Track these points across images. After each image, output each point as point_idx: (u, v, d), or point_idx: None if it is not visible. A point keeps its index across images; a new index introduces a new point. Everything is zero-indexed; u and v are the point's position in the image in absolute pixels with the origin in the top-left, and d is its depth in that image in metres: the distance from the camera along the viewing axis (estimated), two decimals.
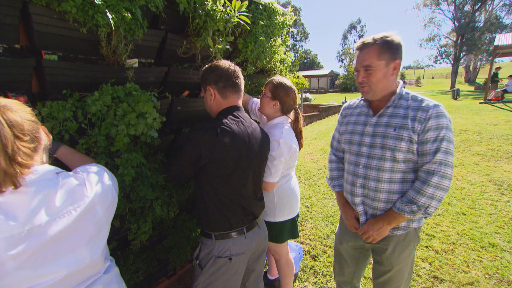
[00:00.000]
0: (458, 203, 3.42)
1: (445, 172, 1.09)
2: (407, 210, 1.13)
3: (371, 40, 1.15)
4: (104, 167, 0.89)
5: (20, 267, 0.65)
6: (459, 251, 2.50)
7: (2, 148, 0.63)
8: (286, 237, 1.73)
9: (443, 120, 1.09)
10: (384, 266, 1.30)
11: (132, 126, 1.18)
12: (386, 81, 1.17)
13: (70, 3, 0.93)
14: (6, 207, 0.64)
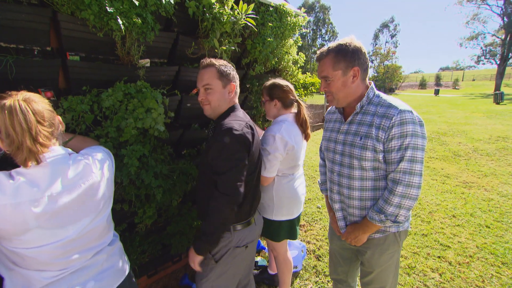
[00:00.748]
0: (482, 215, 3.19)
1: (410, 181, 1.06)
2: (377, 219, 1.13)
3: (326, 50, 1.14)
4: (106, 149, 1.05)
5: (39, 226, 0.81)
6: (476, 265, 2.34)
7: (27, 130, 0.79)
8: (282, 237, 1.76)
9: (407, 127, 1.04)
10: (366, 268, 1.32)
11: (140, 120, 1.32)
12: (347, 89, 1.14)
13: (88, 12, 1.08)
14: (31, 178, 0.81)
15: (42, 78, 1.20)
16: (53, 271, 0.87)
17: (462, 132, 7.46)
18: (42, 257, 0.83)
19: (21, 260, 0.82)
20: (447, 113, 11.22)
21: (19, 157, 0.80)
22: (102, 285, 0.99)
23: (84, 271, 0.95)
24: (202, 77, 1.23)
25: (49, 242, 0.83)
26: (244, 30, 1.87)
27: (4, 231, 0.78)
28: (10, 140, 0.78)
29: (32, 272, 0.84)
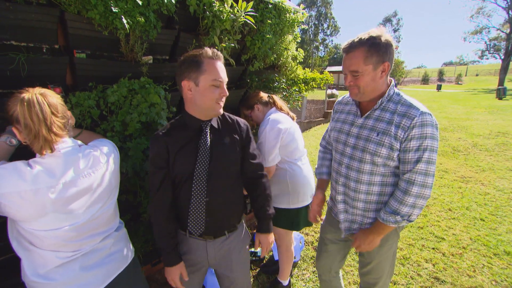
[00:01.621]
0: (478, 208, 3.25)
1: (426, 182, 1.09)
2: (392, 221, 1.15)
3: (357, 41, 1.08)
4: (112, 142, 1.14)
5: (55, 210, 0.90)
6: (468, 255, 2.42)
7: (43, 121, 0.88)
8: (302, 225, 1.84)
9: (427, 129, 1.07)
10: (365, 259, 1.36)
11: (143, 115, 1.38)
12: (375, 84, 1.13)
13: (94, 11, 1.14)
14: (47, 166, 0.90)
15: (51, 75, 1.27)
16: (67, 252, 0.96)
17: (462, 127, 7.47)
18: (58, 238, 0.92)
19: (39, 241, 0.90)
20: (448, 109, 11.20)
21: (36, 146, 0.88)
22: (110, 267, 1.08)
23: (94, 253, 1.03)
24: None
25: (64, 225, 0.92)
26: (244, 27, 1.91)
27: (25, 215, 0.86)
28: (28, 130, 0.86)
29: (48, 252, 0.92)
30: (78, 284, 0.98)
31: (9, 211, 0.85)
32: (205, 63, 1.07)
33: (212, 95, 1.09)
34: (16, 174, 0.84)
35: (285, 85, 2.40)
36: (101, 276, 1.05)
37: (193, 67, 1.06)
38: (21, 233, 0.90)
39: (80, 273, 0.98)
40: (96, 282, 1.03)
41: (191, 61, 1.07)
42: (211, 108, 1.12)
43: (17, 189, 0.83)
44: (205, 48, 1.09)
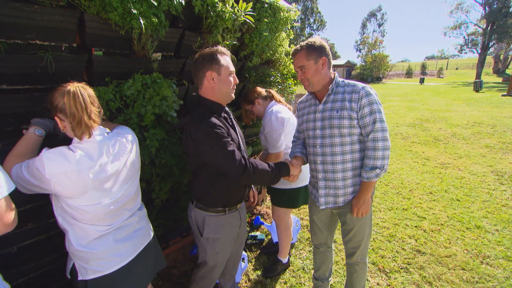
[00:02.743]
0: (455, 191, 3.58)
1: (385, 136, 1.36)
2: (373, 175, 1.38)
3: (299, 47, 1.45)
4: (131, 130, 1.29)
5: (95, 188, 1.04)
6: (445, 231, 2.71)
7: (85, 109, 1.03)
8: (301, 203, 2.05)
9: (372, 97, 1.36)
10: (348, 225, 1.57)
11: (156, 107, 1.51)
12: (319, 75, 1.44)
13: (115, 13, 1.25)
14: (86, 151, 1.04)
15: (71, 72, 1.37)
16: (103, 226, 1.11)
17: (443, 118, 7.94)
18: (97, 212, 1.07)
19: (81, 216, 1.05)
20: (430, 101, 11.76)
21: (78, 131, 1.03)
22: (137, 241, 1.24)
23: (123, 229, 1.19)
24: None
25: (101, 201, 1.07)
26: (243, 25, 2.05)
27: (71, 192, 1.00)
28: (73, 117, 1.00)
29: (89, 225, 1.07)
30: (113, 253, 1.13)
31: (58, 189, 0.98)
32: (221, 58, 1.33)
33: (230, 83, 1.37)
34: (62, 157, 0.98)
35: (280, 79, 2.56)
36: (131, 248, 1.21)
37: (214, 61, 1.32)
38: (65, 209, 1.04)
39: (114, 244, 1.14)
40: (127, 252, 1.19)
41: (211, 57, 1.32)
42: (229, 93, 1.40)
43: (64, 170, 0.97)
44: (218, 47, 1.36)
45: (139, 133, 1.49)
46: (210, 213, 1.43)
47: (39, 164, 0.96)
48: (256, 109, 2.04)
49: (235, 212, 1.51)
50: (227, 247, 1.51)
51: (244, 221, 1.64)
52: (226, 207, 1.45)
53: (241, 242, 1.71)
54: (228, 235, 1.49)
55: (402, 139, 6.16)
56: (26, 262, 1.35)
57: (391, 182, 3.94)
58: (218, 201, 1.42)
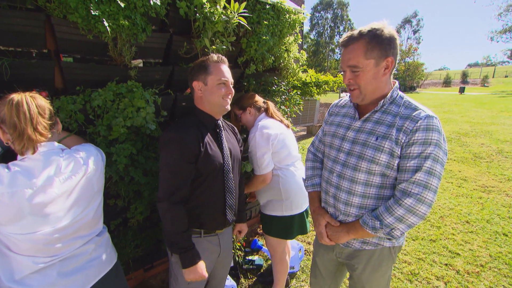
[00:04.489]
0: (500, 222, 2.98)
1: (423, 196, 0.93)
2: (370, 225, 1.03)
3: (358, 34, 0.98)
4: (97, 147, 1.13)
5: (33, 213, 0.89)
6: (487, 275, 2.20)
7: (30, 120, 0.89)
8: (295, 233, 1.76)
9: (433, 135, 0.93)
10: (356, 284, 1.23)
11: (129, 119, 1.36)
12: (377, 83, 1.01)
13: (76, 15, 1.13)
14: (26, 168, 0.89)
15: (37, 79, 1.27)
16: (44, 257, 0.94)
17: (486, 132, 6.99)
18: (35, 242, 0.90)
19: (15, 246, 0.89)
20: (471, 112, 10.56)
21: (18, 145, 0.89)
22: (89, 273, 1.06)
23: (73, 259, 1.02)
24: None
25: (41, 229, 0.91)
26: (239, 28, 1.87)
27: (2, 218, 0.85)
28: (13, 128, 0.88)
29: (25, 257, 0.91)
30: None
31: None
32: (211, 66, 1.24)
33: (219, 92, 1.24)
34: None
35: (285, 88, 2.32)
36: (81, 281, 1.03)
37: (202, 70, 1.24)
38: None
39: (58, 279, 0.97)
40: (76, 287, 1.00)
41: (199, 66, 1.25)
42: (219, 104, 1.26)
43: None
44: (211, 54, 1.28)
45: (107, 148, 1.35)
46: None
47: None
48: (245, 118, 1.81)
49: (213, 237, 1.33)
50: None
51: (227, 250, 1.43)
52: (201, 229, 1.28)
53: (224, 270, 1.50)
54: (205, 261, 1.27)
55: None
56: None
57: None
58: (193, 221, 1.25)
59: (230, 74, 1.29)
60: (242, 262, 2.36)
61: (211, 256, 1.33)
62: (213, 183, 1.25)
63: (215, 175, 1.24)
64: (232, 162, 1.33)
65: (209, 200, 1.26)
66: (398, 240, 1.13)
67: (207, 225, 1.28)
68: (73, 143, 1.16)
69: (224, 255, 1.41)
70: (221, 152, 1.28)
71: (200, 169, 1.19)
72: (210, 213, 1.28)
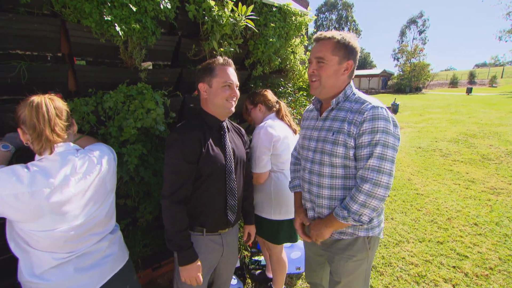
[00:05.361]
0: (510, 224, 2.94)
1: (378, 179, 1.01)
2: (340, 215, 1.09)
3: (330, 34, 1.12)
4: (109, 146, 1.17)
5: (52, 211, 0.92)
6: (496, 278, 2.17)
7: (48, 122, 0.93)
8: (282, 240, 1.76)
9: (379, 123, 1.02)
10: (334, 277, 1.25)
11: (139, 120, 1.39)
12: (336, 80, 1.13)
13: (90, 20, 1.17)
14: (44, 168, 0.93)
15: (52, 82, 1.32)
16: (62, 253, 0.98)
17: (494, 133, 6.88)
18: (54, 239, 0.94)
19: (35, 242, 0.93)
20: (479, 113, 10.40)
21: (37, 145, 0.93)
22: (104, 269, 1.10)
23: (89, 256, 1.05)
24: None
25: (59, 226, 0.94)
26: (246, 31, 1.89)
27: (22, 216, 0.89)
28: (33, 129, 0.91)
29: (44, 253, 0.95)
30: (73, 285, 1.00)
31: (7, 213, 0.88)
32: (217, 69, 1.25)
33: (223, 94, 1.25)
34: (14, 176, 0.88)
35: (291, 90, 2.34)
36: (96, 277, 1.07)
37: (207, 72, 1.26)
38: (19, 234, 0.93)
39: (75, 275, 1.01)
40: (91, 283, 1.05)
41: (205, 68, 1.27)
42: (223, 106, 1.26)
43: (14, 191, 0.86)
44: (218, 57, 1.29)
45: (119, 148, 1.38)
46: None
47: None
48: (255, 114, 1.82)
49: (215, 237, 1.33)
50: (203, 272, 1.29)
51: (231, 250, 1.43)
52: (204, 228, 1.29)
53: (229, 270, 1.50)
54: (205, 260, 1.30)
55: (441, 156, 5.42)
56: None
57: (425, 206, 3.39)
58: (195, 219, 1.27)
59: (236, 76, 1.30)
60: (249, 262, 2.38)
61: (213, 255, 1.34)
62: (214, 184, 1.26)
63: (216, 176, 1.25)
64: (235, 164, 1.33)
65: (210, 200, 1.27)
66: (373, 231, 1.18)
67: (208, 225, 1.29)
68: (87, 144, 1.19)
69: (228, 255, 1.41)
70: (224, 153, 1.28)
71: (201, 169, 1.21)
72: (211, 213, 1.29)
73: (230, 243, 1.41)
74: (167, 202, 1.18)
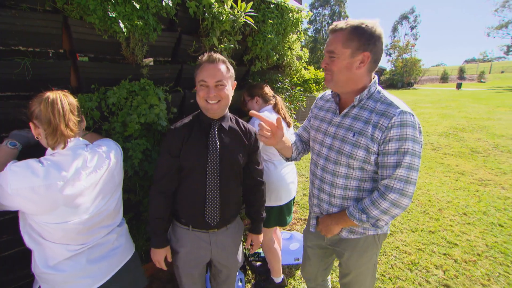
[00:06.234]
0: (496, 213, 3.08)
1: (405, 190, 0.99)
2: (356, 217, 1.08)
3: (344, 24, 1.02)
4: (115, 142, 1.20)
5: (65, 204, 0.96)
6: (483, 263, 2.29)
7: (62, 116, 0.96)
8: (272, 223, 1.86)
9: (408, 130, 0.96)
10: (344, 269, 1.30)
11: (143, 116, 1.42)
12: (350, 74, 1.03)
13: (94, 16, 1.18)
14: (57, 162, 0.96)
15: (55, 78, 1.32)
16: (75, 245, 1.02)
17: (483, 127, 7.10)
18: (67, 231, 0.98)
19: (49, 234, 0.96)
20: (468, 108, 10.68)
21: (51, 140, 0.95)
22: (113, 261, 1.14)
23: (98, 247, 1.09)
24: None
25: (72, 219, 0.98)
26: (245, 27, 1.92)
27: (38, 208, 0.92)
28: (48, 124, 0.94)
29: (58, 245, 0.98)
30: (84, 275, 1.04)
31: (24, 205, 0.91)
32: (201, 66, 1.21)
33: (201, 93, 1.21)
34: (29, 170, 0.90)
35: (289, 86, 2.38)
36: (105, 268, 1.11)
37: (196, 70, 1.23)
38: (33, 227, 0.96)
39: (87, 266, 1.04)
40: (101, 274, 1.09)
41: (197, 65, 1.24)
42: (202, 105, 1.23)
43: (30, 184, 0.89)
44: (206, 53, 1.23)
45: (123, 143, 1.40)
46: (175, 222, 1.35)
47: (2, 178, 0.89)
48: (251, 105, 1.88)
49: (203, 234, 1.30)
50: (190, 268, 1.33)
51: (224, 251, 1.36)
52: (189, 224, 1.29)
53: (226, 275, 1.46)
54: (190, 254, 1.30)
55: (432, 149, 5.58)
56: (3, 274, 1.31)
57: (417, 198, 3.51)
58: (179, 213, 1.31)
59: (217, 74, 1.17)
60: (248, 254, 2.44)
61: (200, 251, 1.32)
62: (194, 181, 1.24)
63: (196, 173, 1.23)
64: (221, 163, 1.24)
65: (189, 197, 1.26)
66: (382, 229, 1.20)
67: (187, 221, 1.29)
68: (92, 139, 1.22)
69: (221, 254, 1.35)
70: (206, 150, 1.22)
71: (182, 164, 1.23)
72: (188, 210, 1.28)
73: (223, 245, 1.34)
74: (152, 189, 1.27)
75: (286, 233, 2.55)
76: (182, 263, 1.33)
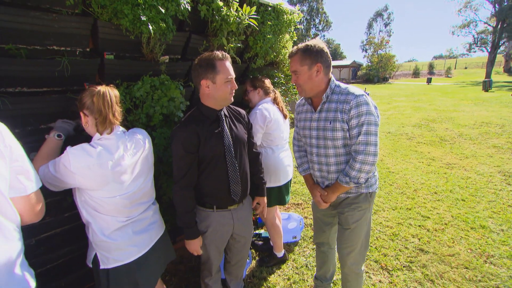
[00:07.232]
0: (460, 191, 3.56)
1: (367, 150, 1.30)
2: (343, 181, 1.40)
3: (296, 49, 1.38)
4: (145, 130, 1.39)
5: (114, 180, 1.14)
6: (449, 230, 2.71)
7: (110, 106, 1.14)
8: (273, 203, 2.10)
9: (362, 108, 1.30)
10: (343, 225, 1.56)
11: (164, 107, 1.59)
12: (313, 82, 1.38)
13: (126, 19, 1.33)
14: (105, 145, 1.14)
15: (84, 74, 1.46)
16: (122, 217, 1.20)
17: (449, 118, 7.85)
18: (116, 205, 1.16)
19: (102, 208, 1.14)
20: (437, 101, 11.61)
21: (101, 127, 1.13)
22: (152, 233, 1.34)
23: (140, 222, 1.28)
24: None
25: (121, 193, 1.17)
26: (247, 28, 2.12)
27: (94, 184, 1.10)
28: (99, 113, 1.11)
29: (110, 217, 1.17)
30: (132, 244, 1.23)
31: (82, 182, 1.08)
32: (218, 64, 1.31)
33: (226, 89, 1.36)
34: (85, 152, 1.08)
35: (284, 80, 2.62)
36: (147, 240, 1.30)
37: (210, 69, 1.31)
38: (88, 202, 1.14)
39: (133, 236, 1.23)
40: (144, 244, 1.28)
41: (206, 64, 1.31)
42: (226, 99, 1.39)
43: (87, 163, 1.07)
44: (215, 52, 1.33)
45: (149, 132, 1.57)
46: (199, 207, 1.47)
47: (65, 159, 1.05)
48: (253, 95, 2.09)
49: (226, 212, 1.48)
50: (216, 243, 1.51)
51: (243, 223, 1.57)
52: (214, 205, 1.45)
53: (243, 243, 1.67)
54: (217, 232, 1.48)
55: (407, 139, 6.13)
56: (45, 253, 1.44)
57: (396, 182, 3.94)
58: (204, 198, 1.44)
59: (232, 70, 1.37)
60: None
61: (224, 228, 1.49)
62: (216, 168, 1.38)
63: (216, 161, 1.37)
64: (235, 147, 1.43)
65: (214, 183, 1.40)
66: (372, 187, 1.50)
67: (215, 203, 1.44)
68: None
69: (240, 228, 1.55)
70: (222, 140, 1.37)
71: (202, 157, 1.34)
72: (216, 194, 1.43)
73: (241, 218, 1.55)
74: (176, 187, 1.34)
75: (284, 213, 2.82)
76: (209, 240, 1.49)
